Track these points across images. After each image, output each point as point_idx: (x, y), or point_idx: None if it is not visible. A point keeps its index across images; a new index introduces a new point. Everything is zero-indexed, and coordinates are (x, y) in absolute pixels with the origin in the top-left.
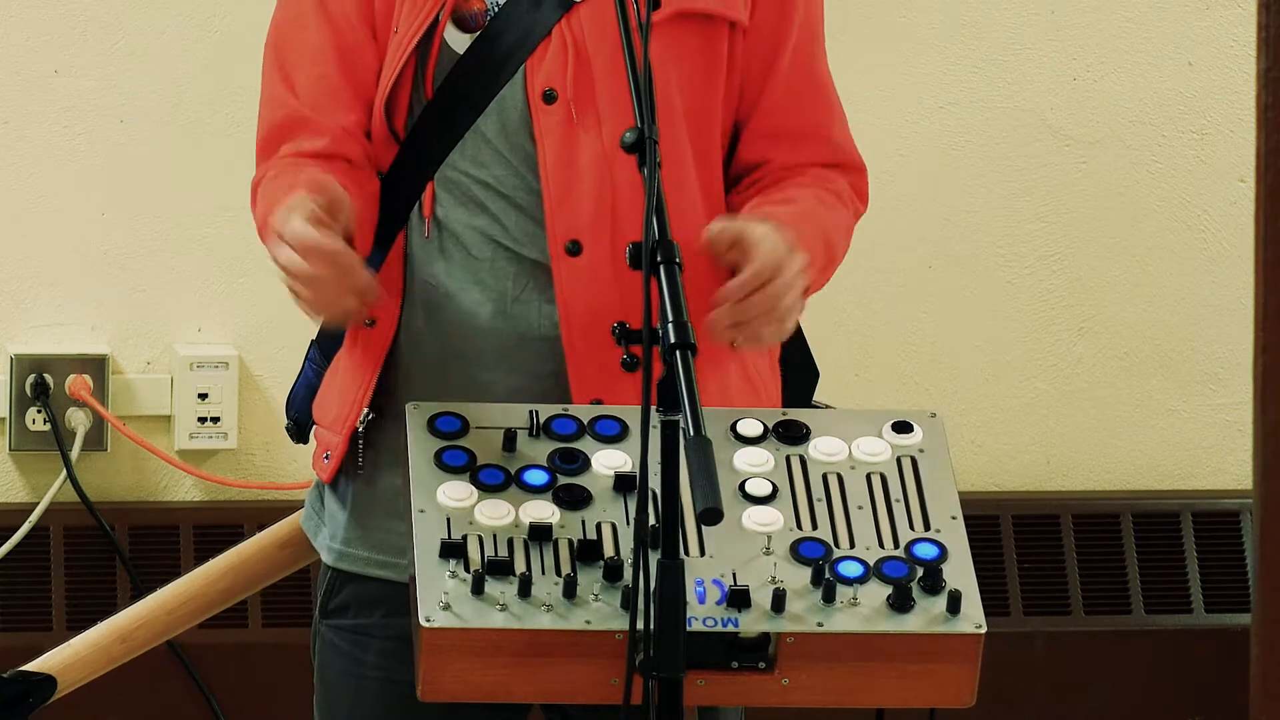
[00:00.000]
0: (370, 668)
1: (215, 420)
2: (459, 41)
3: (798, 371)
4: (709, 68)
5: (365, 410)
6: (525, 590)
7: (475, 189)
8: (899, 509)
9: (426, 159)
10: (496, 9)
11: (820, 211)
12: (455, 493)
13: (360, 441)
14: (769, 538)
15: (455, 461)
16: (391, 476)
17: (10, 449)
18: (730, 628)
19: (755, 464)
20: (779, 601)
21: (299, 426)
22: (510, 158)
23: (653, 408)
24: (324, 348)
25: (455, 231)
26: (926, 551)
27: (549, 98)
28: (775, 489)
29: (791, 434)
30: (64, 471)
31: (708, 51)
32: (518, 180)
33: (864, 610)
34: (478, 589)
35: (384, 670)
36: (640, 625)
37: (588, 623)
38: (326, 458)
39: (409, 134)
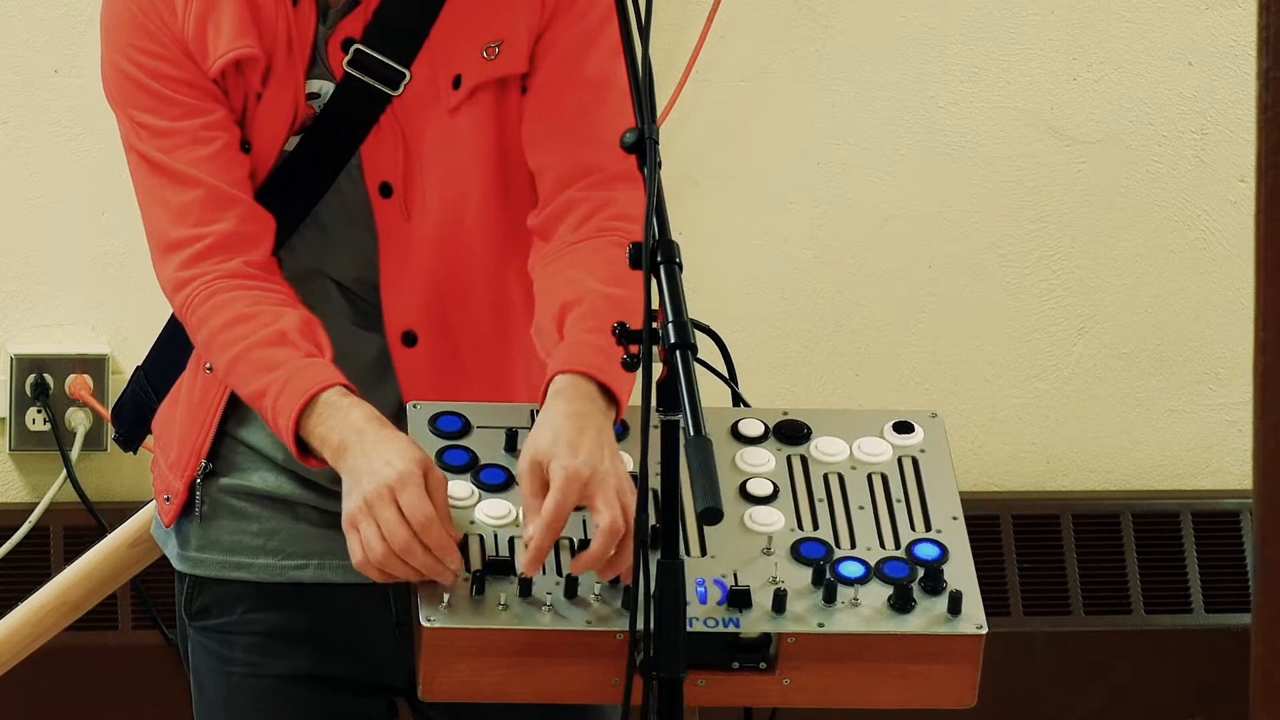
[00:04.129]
0: (237, 664)
1: None
2: (291, 144)
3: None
4: (512, 129)
5: (204, 461)
6: (525, 590)
7: (318, 279)
8: (900, 509)
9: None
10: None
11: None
12: (456, 492)
13: (198, 492)
14: (770, 538)
15: (457, 461)
16: (236, 481)
17: (10, 449)
18: (731, 628)
19: (756, 464)
20: (780, 602)
21: (126, 439)
22: (348, 250)
23: (653, 408)
24: (153, 378)
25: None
26: (927, 552)
27: (385, 191)
28: (776, 489)
29: (792, 434)
30: (64, 471)
31: (508, 111)
32: (352, 270)
33: (865, 611)
34: (478, 589)
35: (251, 665)
36: (640, 625)
37: (588, 623)
38: (167, 499)
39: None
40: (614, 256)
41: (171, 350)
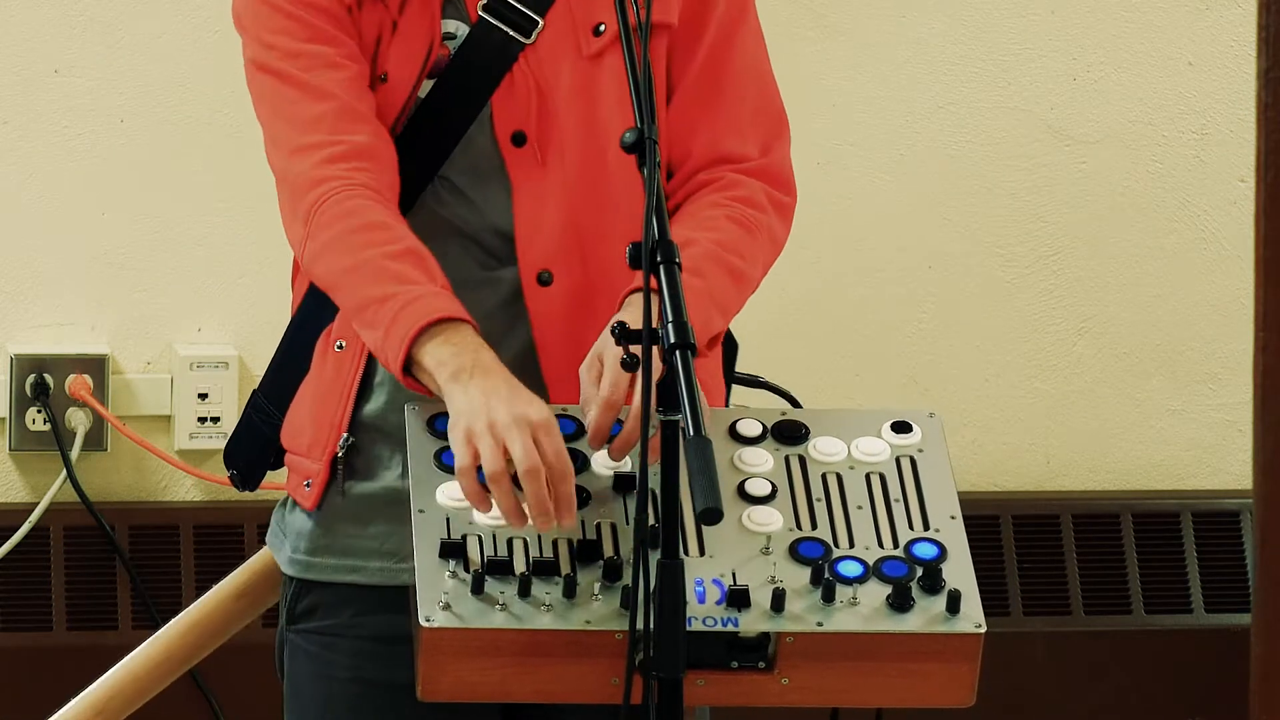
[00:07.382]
0: (341, 668)
1: (215, 420)
2: (425, 89)
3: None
4: (657, 76)
5: (345, 435)
6: (525, 590)
7: (442, 226)
8: (898, 509)
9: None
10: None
11: (713, 272)
12: (455, 493)
13: (340, 466)
14: (768, 537)
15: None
16: (366, 485)
17: (10, 449)
18: (730, 627)
19: (754, 464)
20: (779, 601)
21: (244, 476)
22: (475, 199)
23: (653, 407)
24: (272, 394)
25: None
26: (926, 551)
27: (518, 140)
28: (774, 489)
29: (791, 434)
30: (64, 471)
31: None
32: (481, 220)
33: (864, 610)
34: (477, 589)
35: (355, 670)
36: (640, 625)
37: (587, 623)
38: (308, 485)
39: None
40: (726, 227)
41: (292, 362)
